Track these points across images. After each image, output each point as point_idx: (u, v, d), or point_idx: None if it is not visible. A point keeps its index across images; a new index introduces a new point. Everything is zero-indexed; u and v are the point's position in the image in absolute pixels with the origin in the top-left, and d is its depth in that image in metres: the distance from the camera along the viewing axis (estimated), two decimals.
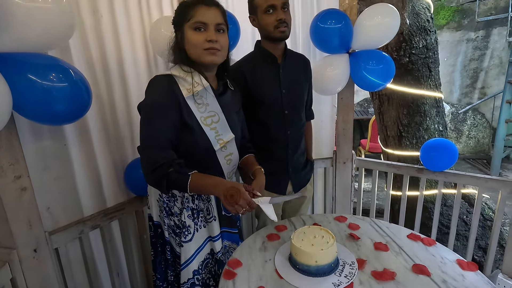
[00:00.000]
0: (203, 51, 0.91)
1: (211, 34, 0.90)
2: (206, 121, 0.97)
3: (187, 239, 1.02)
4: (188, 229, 1.02)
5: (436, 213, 1.79)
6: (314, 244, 0.87)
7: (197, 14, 0.90)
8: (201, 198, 1.05)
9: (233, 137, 1.05)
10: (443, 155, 1.64)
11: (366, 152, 3.77)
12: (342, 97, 1.83)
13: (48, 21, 0.90)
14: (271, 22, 1.17)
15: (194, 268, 1.04)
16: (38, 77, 0.91)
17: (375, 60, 1.63)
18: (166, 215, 1.05)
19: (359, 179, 2.03)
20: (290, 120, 1.32)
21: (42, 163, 1.14)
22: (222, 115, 1.01)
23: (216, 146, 0.99)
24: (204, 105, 0.97)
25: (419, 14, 1.95)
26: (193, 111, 0.94)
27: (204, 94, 0.97)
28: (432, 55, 2.02)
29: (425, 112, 2.08)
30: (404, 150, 2.19)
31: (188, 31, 0.92)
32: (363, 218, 1.19)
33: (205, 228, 1.07)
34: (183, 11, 0.93)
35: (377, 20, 1.55)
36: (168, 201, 1.04)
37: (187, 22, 0.91)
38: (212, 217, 1.06)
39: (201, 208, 1.05)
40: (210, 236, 1.07)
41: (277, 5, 1.16)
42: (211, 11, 0.91)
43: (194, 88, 0.93)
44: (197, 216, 1.04)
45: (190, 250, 1.03)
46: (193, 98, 0.94)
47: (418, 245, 1.00)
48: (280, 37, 1.21)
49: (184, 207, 1.02)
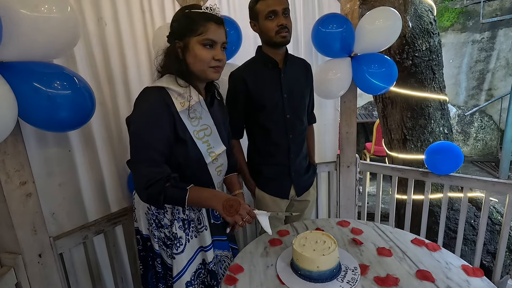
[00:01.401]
0: (208, 68, 0.92)
1: (218, 53, 0.92)
2: (199, 134, 0.96)
3: (179, 250, 1.00)
4: (180, 240, 1.00)
5: (443, 217, 1.76)
6: (315, 249, 0.86)
7: (208, 31, 0.89)
8: (191, 208, 1.03)
9: (225, 149, 1.05)
10: (448, 158, 1.62)
11: (371, 156, 3.74)
12: (345, 100, 1.82)
13: (54, 30, 0.92)
14: (272, 27, 1.18)
15: (187, 279, 1.02)
16: (43, 85, 0.93)
17: (377, 63, 1.62)
18: (156, 227, 1.03)
19: (363, 183, 2.01)
20: (292, 124, 1.33)
21: (47, 169, 1.16)
22: (214, 128, 1.01)
23: (207, 159, 0.99)
24: (197, 118, 0.96)
25: (422, 17, 1.94)
26: (186, 125, 0.93)
27: (198, 108, 0.96)
28: (436, 58, 2.01)
29: (429, 115, 2.06)
30: (408, 153, 2.16)
31: (195, 45, 0.90)
32: (366, 223, 1.18)
33: (197, 238, 1.04)
34: (191, 23, 0.90)
35: (379, 23, 1.55)
36: (157, 214, 1.02)
37: (196, 36, 0.90)
38: (203, 226, 1.04)
39: (192, 218, 1.03)
40: (201, 246, 1.05)
41: (278, 11, 1.18)
42: (220, 30, 0.92)
43: (188, 103, 0.92)
44: (188, 226, 1.02)
45: (182, 262, 1.00)
46: (187, 112, 0.93)
47: (422, 250, 0.99)
48: (282, 42, 1.22)
49: (175, 218, 1.00)
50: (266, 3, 1.17)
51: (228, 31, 1.50)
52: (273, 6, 1.16)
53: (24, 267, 1.02)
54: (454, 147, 1.61)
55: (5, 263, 1.00)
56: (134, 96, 1.40)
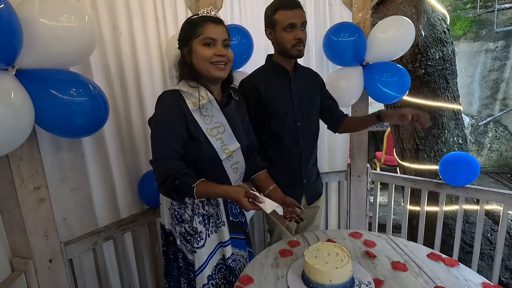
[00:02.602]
0: (211, 64, 0.97)
1: (219, 49, 0.97)
2: (212, 132, 1.01)
3: (200, 245, 1.04)
4: (200, 235, 1.04)
5: (458, 230, 1.71)
6: (328, 261, 0.84)
7: (206, 31, 0.95)
8: (210, 204, 1.07)
9: (239, 146, 1.08)
10: (463, 170, 1.57)
11: (382, 165, 3.68)
12: (356, 109, 1.80)
13: (71, 39, 0.95)
14: (290, 40, 1.19)
15: (208, 273, 1.05)
16: (59, 92, 0.95)
17: (389, 72, 1.61)
18: (177, 222, 1.07)
19: (375, 193, 1.97)
20: (303, 131, 1.32)
21: (60, 175, 1.17)
22: (227, 126, 1.04)
23: (222, 155, 1.02)
24: (209, 117, 1.01)
25: (435, 26, 1.92)
26: (199, 123, 0.99)
27: (209, 106, 1.01)
28: (449, 67, 1.98)
29: (443, 124, 2.02)
30: (421, 163, 2.12)
31: (197, 46, 0.97)
32: (379, 235, 1.15)
33: (216, 234, 1.08)
34: (191, 28, 0.97)
35: (391, 32, 1.54)
36: (179, 209, 1.07)
37: (196, 38, 0.96)
38: (222, 222, 1.08)
39: (211, 214, 1.07)
40: (220, 242, 1.08)
41: (297, 24, 1.18)
42: (219, 28, 0.97)
43: (200, 102, 0.98)
44: (207, 222, 1.06)
45: (203, 256, 1.04)
46: (199, 111, 0.99)
47: (439, 265, 0.95)
48: (297, 55, 1.23)
49: (195, 213, 1.04)
50: (286, 15, 1.17)
51: (240, 39, 1.53)
52: (293, 19, 1.17)
53: (35, 272, 1.02)
54: (470, 158, 1.56)
55: (17, 268, 1.01)
56: (146, 102, 1.43)
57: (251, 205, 0.91)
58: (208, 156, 1.01)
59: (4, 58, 0.81)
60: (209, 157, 1.01)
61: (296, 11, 1.18)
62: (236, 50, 1.54)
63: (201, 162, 1.01)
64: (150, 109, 1.44)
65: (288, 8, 1.17)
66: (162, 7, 1.46)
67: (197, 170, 1.00)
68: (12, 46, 0.81)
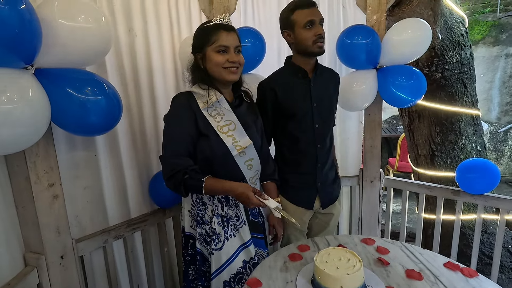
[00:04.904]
0: (223, 69, 1.03)
1: (232, 56, 1.03)
2: (223, 129, 1.05)
3: (218, 247, 1.05)
4: (218, 236, 1.05)
5: (476, 240, 1.64)
6: (339, 267, 0.81)
7: (220, 39, 1.01)
8: (229, 205, 1.09)
9: (251, 143, 1.09)
10: (483, 177, 1.51)
11: (395, 171, 3.59)
12: (369, 113, 1.77)
13: (88, 39, 0.97)
14: (310, 37, 1.19)
15: (225, 279, 1.06)
16: (75, 91, 0.97)
17: (404, 75, 1.57)
18: (198, 224, 1.09)
19: (388, 199, 1.92)
20: (320, 133, 1.31)
21: (74, 172, 1.19)
22: (238, 123, 1.08)
23: (233, 151, 1.05)
24: (219, 115, 1.06)
25: (453, 29, 1.87)
26: (209, 121, 1.04)
27: (218, 105, 1.06)
28: (468, 71, 1.92)
29: (460, 130, 1.95)
30: (437, 170, 2.05)
31: (211, 53, 1.03)
32: (393, 242, 1.11)
33: (236, 237, 1.08)
34: (205, 35, 1.03)
35: (407, 35, 1.51)
36: (199, 210, 1.09)
37: (210, 45, 1.02)
38: (242, 221, 1.10)
39: (230, 216, 1.08)
40: (242, 244, 1.09)
41: (316, 21, 1.19)
42: (230, 36, 1.03)
43: (209, 101, 1.04)
44: (227, 224, 1.07)
45: (220, 259, 1.05)
46: (209, 109, 1.04)
47: (457, 275, 0.91)
48: (319, 52, 1.23)
49: (214, 214, 1.06)
50: (304, 13, 1.18)
51: (253, 41, 1.53)
52: (312, 16, 1.18)
53: (46, 268, 1.04)
54: (489, 164, 1.50)
55: (29, 263, 1.03)
56: (159, 103, 1.45)
57: (257, 200, 0.97)
58: (220, 152, 1.04)
59: (24, 57, 0.84)
60: (221, 153, 1.04)
61: (313, 9, 1.20)
62: (249, 52, 1.55)
63: (213, 159, 1.05)
64: (162, 109, 1.45)
65: (305, 7, 1.19)
66: (176, 10, 1.48)
67: (211, 168, 1.04)
68: (32, 45, 0.83)
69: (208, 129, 1.03)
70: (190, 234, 1.13)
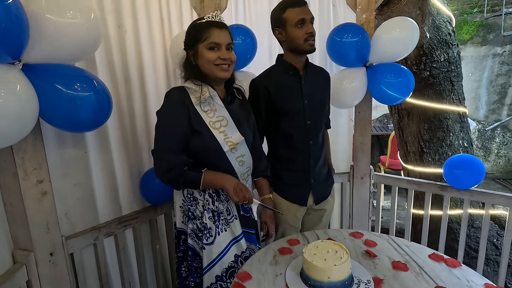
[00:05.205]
0: (214, 66, 1.04)
1: (223, 53, 1.03)
2: (215, 125, 1.06)
3: (209, 241, 1.05)
4: (210, 231, 1.06)
5: (463, 234, 1.68)
6: (327, 259, 0.83)
7: (211, 36, 1.02)
8: (220, 200, 1.09)
9: (243, 139, 1.11)
10: (468, 172, 1.55)
11: (386, 169, 3.64)
12: (359, 110, 1.79)
13: (77, 35, 0.96)
14: (301, 35, 1.21)
15: (217, 273, 1.06)
16: (64, 87, 0.96)
17: (393, 73, 1.60)
18: (189, 219, 1.09)
19: (378, 195, 1.95)
20: (312, 130, 1.33)
21: (63, 170, 1.19)
22: (230, 120, 1.09)
23: (225, 147, 1.06)
24: (212, 110, 1.07)
25: (440, 28, 1.91)
26: (202, 116, 1.05)
27: (211, 101, 1.07)
28: (455, 69, 1.96)
29: (448, 127, 2.00)
30: (425, 166, 2.09)
31: (202, 50, 1.03)
32: (381, 235, 1.13)
33: (227, 231, 1.09)
34: (197, 32, 1.04)
35: (396, 33, 1.54)
36: (190, 206, 1.09)
37: (202, 42, 1.02)
38: (233, 216, 1.11)
39: (221, 210, 1.09)
40: (233, 238, 1.10)
41: (307, 19, 1.21)
42: (222, 33, 1.03)
43: (202, 96, 1.05)
44: (217, 218, 1.08)
45: (212, 254, 1.05)
46: (202, 105, 1.05)
47: (441, 266, 0.93)
48: (310, 50, 1.25)
49: (205, 209, 1.07)
50: (295, 12, 1.20)
51: (244, 39, 1.54)
52: (303, 14, 1.20)
53: (36, 265, 1.03)
54: (475, 160, 1.54)
55: (18, 260, 1.02)
56: (150, 99, 1.45)
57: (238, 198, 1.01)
58: (211, 148, 1.05)
59: (11, 52, 0.83)
60: (212, 149, 1.05)
61: (304, 7, 1.22)
62: (240, 49, 1.55)
63: (205, 155, 1.06)
64: (153, 106, 1.45)
65: (297, 6, 1.21)
66: (167, 8, 1.48)
67: (202, 164, 1.06)
68: (19, 40, 0.82)
69: (201, 124, 1.04)
70: (182, 229, 1.13)
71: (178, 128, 1.02)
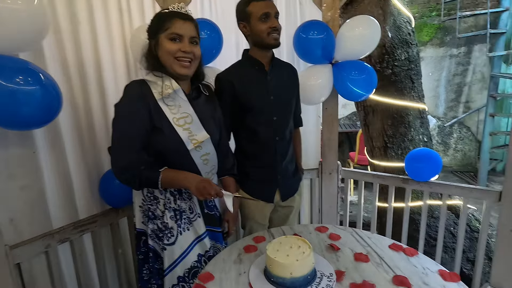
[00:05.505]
0: (174, 60, 0.98)
1: (185, 45, 0.98)
2: (179, 121, 1.00)
3: (170, 241, 1.01)
4: (171, 231, 1.01)
5: (423, 224, 1.76)
6: (289, 254, 0.82)
7: (173, 26, 0.96)
8: (182, 198, 1.05)
9: (208, 137, 1.07)
10: (427, 165, 1.63)
11: (355, 165, 3.77)
12: (326, 107, 1.82)
13: (17, 22, 0.88)
14: (265, 29, 1.20)
15: (179, 274, 1.02)
16: (3, 79, 0.87)
17: (357, 70, 1.64)
18: (149, 219, 1.04)
19: (345, 190, 2.00)
20: (279, 126, 1.32)
21: (7, 171, 1.08)
22: (195, 117, 1.04)
23: (189, 145, 1.01)
24: (176, 106, 1.01)
25: (401, 28, 2.00)
26: (165, 112, 0.99)
27: (175, 96, 1.01)
28: (414, 67, 2.06)
29: (409, 123, 2.09)
30: (390, 161, 2.18)
31: (163, 40, 0.98)
32: (345, 228, 1.16)
33: (190, 230, 1.05)
34: (160, 21, 0.98)
35: (358, 31, 1.58)
36: (150, 205, 1.04)
37: (163, 33, 0.97)
38: (196, 214, 1.07)
39: (184, 209, 1.05)
40: (197, 237, 1.06)
41: (271, 13, 1.20)
42: (186, 25, 0.98)
43: (165, 91, 0.98)
44: (180, 217, 1.03)
45: (173, 254, 1.01)
46: (163, 100, 0.99)
47: (399, 255, 0.97)
48: (274, 44, 1.24)
49: (166, 208, 1.02)
50: (259, 5, 1.19)
51: (209, 34, 1.50)
52: (267, 8, 1.19)
53: None
54: (432, 153, 1.62)
55: None
56: (109, 95, 1.37)
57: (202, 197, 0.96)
58: (174, 146, 1.00)
59: None
60: (175, 147, 1.00)
61: (268, 1, 1.21)
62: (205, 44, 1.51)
63: (167, 154, 1.01)
64: (112, 103, 1.34)
65: (261, 0, 1.19)
66: None
67: (164, 163, 1.00)
68: None
69: (163, 121, 0.98)
70: (142, 230, 1.08)
71: (137, 124, 0.96)
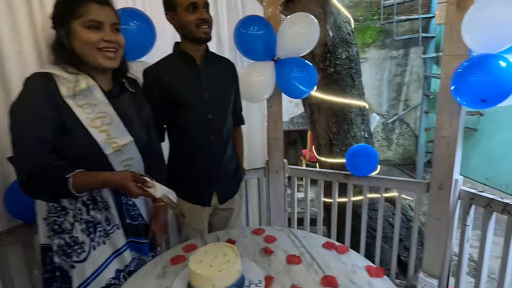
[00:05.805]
0: (97, 51, 0.86)
1: (108, 34, 0.86)
2: (94, 122, 0.87)
3: (81, 258, 0.88)
4: (82, 246, 0.89)
5: (364, 217, 1.83)
6: (212, 265, 0.75)
7: (90, 12, 0.84)
8: (98, 208, 0.92)
9: (132, 140, 0.95)
10: (365, 160, 1.69)
11: (307, 162, 3.86)
12: (271, 105, 1.80)
13: None
14: (193, 20, 1.11)
15: None
16: None
17: (298, 67, 1.64)
18: (55, 233, 0.90)
19: (292, 187, 2.00)
20: (214, 124, 1.24)
21: None
22: (115, 117, 0.92)
23: (107, 149, 0.89)
24: (90, 105, 0.88)
25: (341, 27, 2.05)
26: (75, 112, 0.85)
27: (89, 93, 0.88)
28: (355, 66, 2.13)
29: (351, 120, 2.16)
30: (335, 157, 2.24)
31: (79, 29, 0.84)
32: (282, 229, 1.13)
33: (106, 244, 0.93)
34: (69, 6, 0.84)
35: (298, 28, 1.57)
36: (57, 217, 0.90)
37: (77, 20, 0.84)
38: (114, 225, 0.94)
39: (99, 220, 0.92)
40: (115, 251, 0.94)
41: (199, 4, 1.11)
42: (105, 10, 0.86)
43: (76, 87, 0.85)
44: (93, 230, 0.91)
45: (85, 272, 0.89)
46: (75, 97, 0.85)
47: (331, 254, 0.96)
48: (205, 38, 1.16)
49: (77, 220, 0.89)
50: None
51: (139, 25, 1.37)
52: None
53: None
54: (369, 148, 1.69)
55: None
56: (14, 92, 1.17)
57: (140, 190, 0.82)
58: (88, 150, 0.88)
59: None
60: (89, 151, 0.88)
61: None
62: (135, 36, 1.37)
63: (80, 160, 0.86)
64: None
65: None
66: None
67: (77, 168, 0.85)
68: None
69: (72, 122, 0.85)
70: (47, 245, 0.93)
71: (43, 123, 0.81)
